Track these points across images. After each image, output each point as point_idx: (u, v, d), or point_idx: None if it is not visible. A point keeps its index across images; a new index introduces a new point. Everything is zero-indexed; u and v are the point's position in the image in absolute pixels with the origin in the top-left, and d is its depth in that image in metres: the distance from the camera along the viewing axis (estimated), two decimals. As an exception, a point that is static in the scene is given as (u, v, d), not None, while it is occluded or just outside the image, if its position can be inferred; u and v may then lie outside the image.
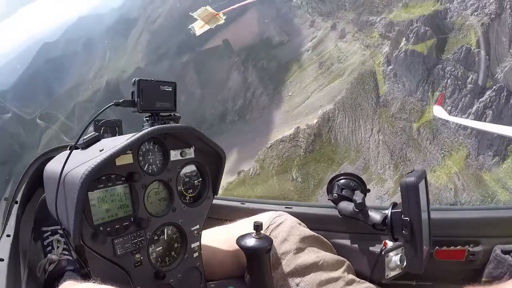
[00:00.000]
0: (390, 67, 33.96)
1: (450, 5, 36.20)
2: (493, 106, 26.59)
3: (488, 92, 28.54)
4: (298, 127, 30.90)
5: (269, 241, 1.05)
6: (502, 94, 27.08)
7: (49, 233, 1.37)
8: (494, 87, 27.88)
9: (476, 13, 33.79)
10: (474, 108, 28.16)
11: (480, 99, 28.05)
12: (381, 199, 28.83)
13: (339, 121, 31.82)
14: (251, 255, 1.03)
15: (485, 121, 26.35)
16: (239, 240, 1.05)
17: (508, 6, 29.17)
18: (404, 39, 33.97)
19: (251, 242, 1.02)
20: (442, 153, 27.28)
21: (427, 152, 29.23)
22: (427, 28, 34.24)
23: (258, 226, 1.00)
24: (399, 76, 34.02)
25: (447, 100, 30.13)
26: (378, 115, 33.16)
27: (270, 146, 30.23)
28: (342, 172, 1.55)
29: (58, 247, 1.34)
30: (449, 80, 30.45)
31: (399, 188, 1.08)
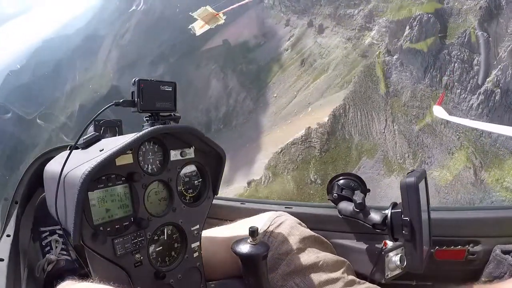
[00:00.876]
0: (395, 56, 33.90)
1: None
2: (500, 84, 27.65)
3: (494, 72, 29.59)
4: (309, 127, 30.80)
5: (266, 247, 1.02)
6: (507, 72, 28.26)
7: (48, 233, 1.37)
8: (500, 66, 28.98)
9: (470, 0, 34.46)
10: (483, 88, 28.97)
11: (488, 79, 28.99)
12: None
13: (351, 116, 31.71)
14: (246, 262, 0.99)
15: (495, 99, 27.69)
16: (234, 245, 1.01)
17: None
18: (407, 27, 33.84)
19: (246, 248, 0.98)
20: (457, 134, 28.01)
21: (443, 135, 29.77)
22: (430, 15, 34.35)
23: (253, 232, 0.97)
24: (406, 65, 33.97)
25: (456, 84, 30.72)
26: (390, 106, 33.12)
27: (281, 151, 30.03)
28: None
29: (56, 247, 1.35)
30: (456, 64, 30.92)
31: (400, 188, 1.08)
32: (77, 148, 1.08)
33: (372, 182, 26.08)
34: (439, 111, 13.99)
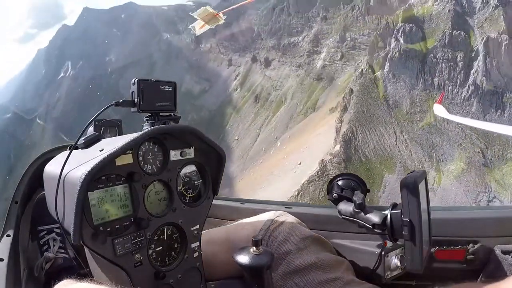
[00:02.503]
0: (386, 69, 35.19)
1: (412, 1, 38.86)
2: (484, 73, 31.98)
3: (475, 63, 33.86)
4: (323, 159, 31.11)
5: (270, 256, 0.99)
6: (486, 61, 32.75)
7: (45, 232, 1.38)
8: (479, 57, 33.58)
9: (436, 6, 38.58)
10: (471, 79, 33.00)
11: (472, 71, 33.27)
12: (432, 190, 30.20)
13: (360, 137, 32.66)
14: (250, 272, 0.96)
15: (483, 86, 31.83)
16: (236, 255, 0.97)
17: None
18: (393, 40, 35.15)
19: (249, 258, 0.94)
20: (460, 126, 30.53)
21: (448, 131, 31.45)
22: (411, 24, 36.36)
23: (257, 242, 0.93)
24: (398, 75, 35.33)
25: (446, 82, 33.51)
26: (394, 117, 34.20)
27: (299, 193, 30.25)
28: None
29: (54, 245, 1.35)
30: (442, 64, 34.74)
31: (399, 188, 1.08)
32: (77, 148, 1.08)
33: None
34: (439, 110, 13.98)
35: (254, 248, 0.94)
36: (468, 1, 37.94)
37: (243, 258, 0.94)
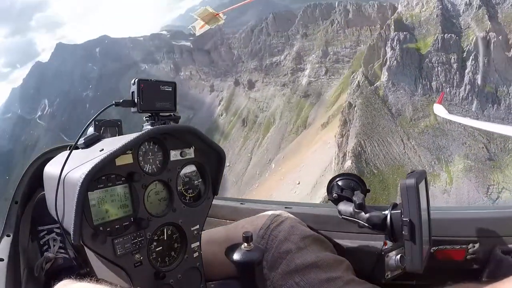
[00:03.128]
0: (384, 79, 36.01)
1: (400, 10, 40.38)
2: (477, 71, 34.01)
3: (468, 63, 35.75)
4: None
5: (260, 252, 1.00)
6: (478, 59, 34.78)
7: (45, 232, 1.38)
8: (471, 56, 35.70)
9: (424, 12, 40.47)
10: (466, 78, 34.82)
11: (466, 71, 35.21)
12: (446, 192, 31.21)
13: (369, 150, 33.28)
14: (241, 268, 0.98)
15: (478, 84, 33.85)
16: (227, 251, 0.99)
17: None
18: (389, 49, 36.03)
19: (240, 254, 0.96)
20: (462, 126, 31.82)
21: (452, 131, 32.55)
22: (405, 32, 38.60)
23: (247, 238, 0.95)
24: (397, 83, 36.33)
25: (444, 84, 35.47)
26: (399, 125, 34.95)
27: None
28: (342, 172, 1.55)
29: (54, 245, 1.35)
30: (438, 68, 36.42)
31: (400, 189, 1.08)
32: (77, 148, 1.08)
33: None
34: (439, 110, 14.01)
35: (245, 244, 0.95)
36: (452, 5, 40.36)
37: (234, 254, 0.95)
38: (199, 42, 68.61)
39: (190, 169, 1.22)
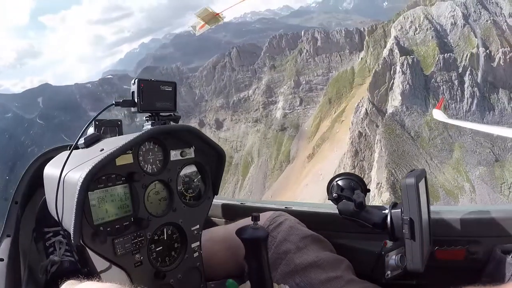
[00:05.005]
0: (398, 103, 38.49)
1: (396, 34, 43.57)
2: (473, 82, 37.94)
3: (465, 77, 39.07)
4: None
5: (265, 231, 1.07)
6: (474, 74, 38.64)
7: (51, 234, 1.37)
8: (467, 72, 39.54)
9: (418, 35, 43.43)
10: (466, 92, 38.06)
11: (466, 85, 38.76)
12: (473, 200, 33.94)
13: (400, 177, 33.66)
14: (249, 245, 1.04)
15: (477, 96, 37.70)
16: (238, 231, 1.06)
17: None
18: (400, 74, 37.54)
19: (249, 232, 1.03)
20: (470, 136, 35.59)
21: (464, 143, 35.76)
22: (412, 56, 41.15)
23: (256, 217, 1.02)
24: (410, 106, 39.23)
25: (449, 101, 38.07)
26: (420, 147, 37.44)
27: None
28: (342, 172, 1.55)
29: (60, 248, 1.34)
30: (443, 86, 38.99)
31: (400, 188, 1.08)
32: (77, 148, 1.08)
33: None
34: (438, 115, 14.15)
35: (253, 223, 1.02)
36: (439, 25, 43.55)
37: (243, 233, 1.02)
38: None
39: (190, 169, 1.22)
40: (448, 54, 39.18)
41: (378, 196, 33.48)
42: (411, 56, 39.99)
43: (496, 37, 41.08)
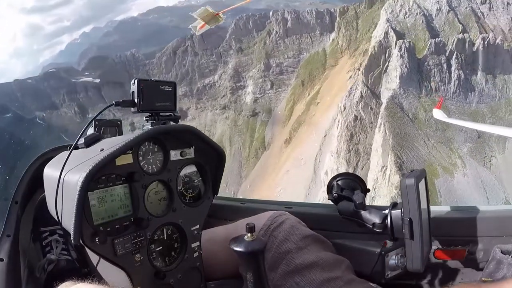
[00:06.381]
0: (396, 86, 40.81)
1: (388, 17, 44.97)
2: (459, 65, 40.70)
3: (452, 61, 41.19)
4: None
5: (262, 243, 0.99)
6: (459, 56, 41.37)
7: (48, 233, 1.37)
8: (453, 55, 42.08)
9: (408, 18, 45.00)
10: (454, 75, 40.33)
11: (452, 68, 41.17)
12: (466, 175, 35.83)
13: (406, 159, 35.79)
14: (244, 258, 0.98)
15: (462, 78, 40.64)
16: (231, 242, 0.99)
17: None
18: (398, 56, 38.19)
19: (243, 244, 0.96)
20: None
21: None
22: (408, 40, 42.41)
23: (251, 228, 0.95)
24: (407, 89, 41.13)
25: (439, 83, 40.62)
26: (419, 129, 38.63)
27: None
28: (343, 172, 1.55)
29: (57, 247, 1.34)
30: (434, 69, 40.91)
31: (400, 188, 1.08)
32: (77, 148, 1.08)
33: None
34: (438, 114, 14.16)
35: (249, 235, 0.96)
36: (425, 10, 45.48)
37: (237, 245, 0.95)
38: (107, 75, 58.18)
39: (190, 169, 1.22)
40: (439, 38, 41.50)
41: (382, 179, 33.88)
42: (408, 40, 41.64)
43: (475, 23, 43.83)
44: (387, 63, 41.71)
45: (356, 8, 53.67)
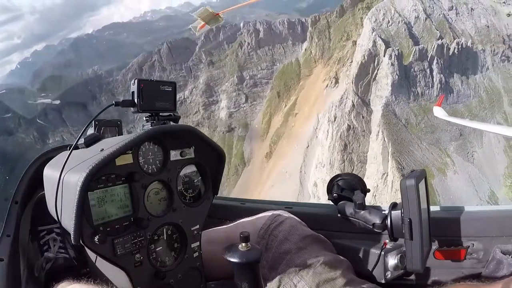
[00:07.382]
0: (388, 94, 41.90)
1: (373, 26, 46.40)
2: (440, 70, 42.86)
3: (433, 66, 43.25)
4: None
5: (258, 252, 0.95)
6: (439, 61, 43.81)
7: (45, 232, 1.38)
8: (434, 61, 44.29)
9: (391, 27, 46.56)
10: (436, 79, 42.60)
11: (434, 73, 43.32)
12: (456, 172, 37.29)
13: (405, 165, 36.47)
14: (239, 269, 0.94)
15: (442, 82, 43.12)
16: (225, 252, 0.95)
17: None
18: (388, 62, 39.58)
19: (237, 254, 0.92)
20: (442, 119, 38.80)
21: (438, 124, 38.52)
22: (397, 48, 43.83)
23: (245, 238, 0.91)
24: (397, 95, 42.07)
25: (424, 88, 42.81)
26: (412, 134, 39.80)
27: None
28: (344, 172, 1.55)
29: (54, 245, 1.35)
30: (420, 75, 42.80)
31: (400, 188, 1.08)
32: (77, 148, 1.08)
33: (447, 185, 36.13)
34: (439, 112, 14.09)
35: (243, 244, 0.92)
36: (405, 18, 47.32)
37: (231, 254, 0.91)
38: (68, 96, 53.43)
39: (190, 169, 1.22)
40: (421, 45, 43.82)
41: (383, 186, 34.68)
42: (397, 48, 43.45)
43: (448, 29, 46.37)
44: (376, 71, 42.84)
45: (327, 17, 53.98)
